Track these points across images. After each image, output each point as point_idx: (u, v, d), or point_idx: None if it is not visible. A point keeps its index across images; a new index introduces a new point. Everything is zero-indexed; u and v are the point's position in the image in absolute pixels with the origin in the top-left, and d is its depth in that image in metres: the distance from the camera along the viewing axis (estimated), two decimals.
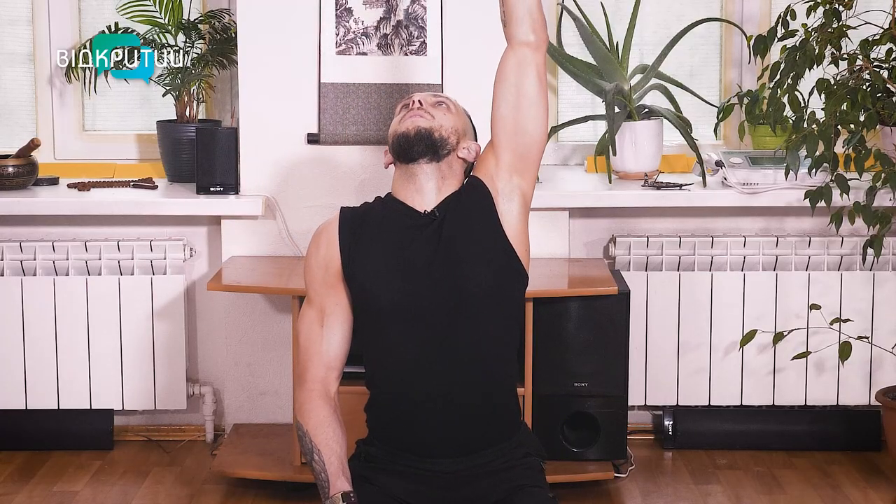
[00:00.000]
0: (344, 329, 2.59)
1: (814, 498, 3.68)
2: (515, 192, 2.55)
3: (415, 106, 2.62)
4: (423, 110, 2.60)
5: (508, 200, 2.54)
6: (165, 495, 3.73)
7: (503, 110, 2.56)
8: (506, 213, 2.54)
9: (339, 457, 2.50)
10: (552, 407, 3.72)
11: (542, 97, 2.55)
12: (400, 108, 2.68)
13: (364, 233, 2.57)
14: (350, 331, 2.60)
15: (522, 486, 2.52)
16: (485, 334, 2.52)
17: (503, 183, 2.55)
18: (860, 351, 3.94)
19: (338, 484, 2.47)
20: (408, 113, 2.62)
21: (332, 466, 2.49)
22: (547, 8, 4.15)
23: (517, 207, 2.55)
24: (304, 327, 2.59)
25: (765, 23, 4.15)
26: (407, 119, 2.59)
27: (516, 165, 2.54)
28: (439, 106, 2.64)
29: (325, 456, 2.49)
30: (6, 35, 4.27)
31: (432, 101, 2.65)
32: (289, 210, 3.97)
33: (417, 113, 2.60)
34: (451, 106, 2.66)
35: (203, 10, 4.19)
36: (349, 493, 2.46)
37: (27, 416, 4.05)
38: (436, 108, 2.63)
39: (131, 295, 4.00)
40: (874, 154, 3.66)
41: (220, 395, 4.14)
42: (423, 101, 2.62)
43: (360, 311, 2.57)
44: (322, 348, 2.57)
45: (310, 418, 2.54)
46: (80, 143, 4.29)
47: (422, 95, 2.65)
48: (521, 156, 2.54)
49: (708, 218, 4.09)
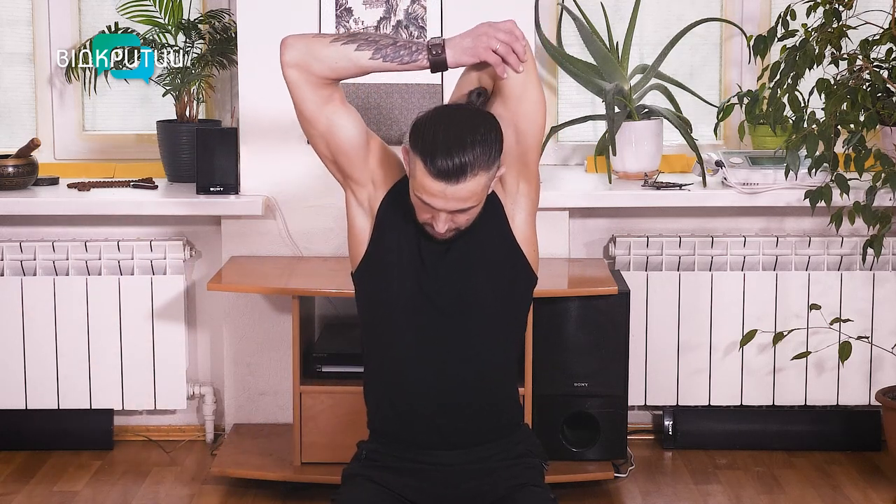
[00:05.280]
0: (351, 116, 2.47)
1: (814, 498, 3.68)
2: (522, 195, 2.54)
3: (440, 232, 2.41)
4: (447, 231, 2.41)
5: (515, 203, 2.53)
6: (165, 495, 3.73)
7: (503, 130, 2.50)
8: (515, 217, 2.53)
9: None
10: (552, 407, 3.72)
11: (541, 100, 2.51)
12: (420, 203, 2.42)
13: (397, 216, 2.52)
14: (353, 130, 2.47)
15: (524, 485, 2.52)
16: (489, 336, 2.52)
17: (510, 187, 2.54)
18: (860, 351, 3.94)
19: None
20: (430, 229, 2.43)
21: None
22: (547, 8, 4.17)
23: (525, 211, 2.54)
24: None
25: (765, 23, 4.15)
26: (430, 232, 2.44)
27: (520, 171, 2.53)
28: (466, 212, 2.39)
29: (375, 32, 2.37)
30: (6, 35, 4.27)
31: (455, 214, 2.39)
32: (289, 210, 3.97)
33: (441, 235, 2.43)
34: (479, 195, 2.37)
35: (203, 10, 4.19)
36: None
37: (27, 416, 4.05)
38: (463, 215, 2.38)
39: (131, 295, 4.00)
40: (874, 154, 3.66)
41: (220, 395, 4.14)
42: (446, 225, 2.39)
43: (366, 298, 2.56)
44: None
45: (324, 35, 2.43)
46: (80, 143, 4.29)
47: (443, 219, 2.37)
48: (520, 157, 2.53)
49: (708, 218, 4.09)
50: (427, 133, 2.33)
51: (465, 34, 2.39)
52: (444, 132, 2.32)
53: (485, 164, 2.33)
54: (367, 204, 2.53)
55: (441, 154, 2.30)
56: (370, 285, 2.54)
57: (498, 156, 2.37)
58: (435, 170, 2.31)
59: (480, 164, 2.32)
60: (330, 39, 2.40)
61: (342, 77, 2.43)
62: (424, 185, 2.34)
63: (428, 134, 2.33)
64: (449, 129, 2.32)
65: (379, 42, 2.39)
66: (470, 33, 2.39)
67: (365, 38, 2.40)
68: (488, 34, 2.37)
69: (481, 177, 2.34)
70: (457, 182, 2.32)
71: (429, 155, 2.31)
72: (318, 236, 3.99)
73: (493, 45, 2.36)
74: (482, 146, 2.32)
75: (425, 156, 2.32)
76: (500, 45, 2.36)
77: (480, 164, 2.32)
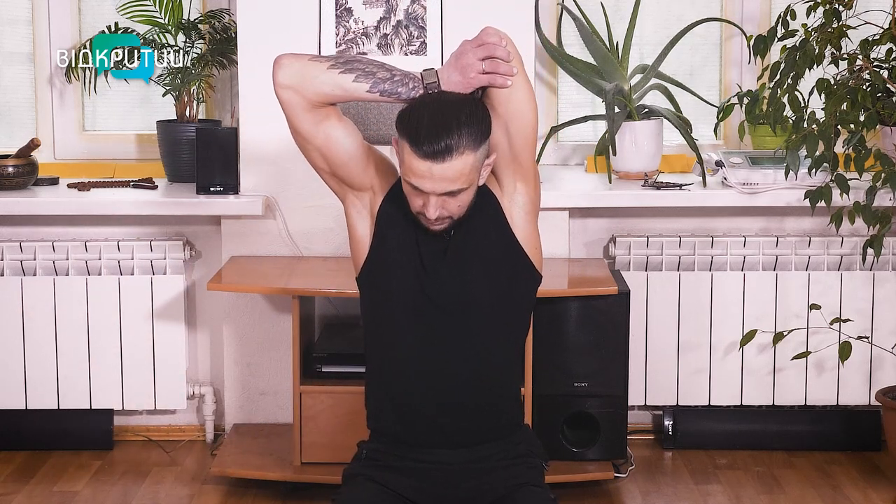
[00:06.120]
0: (348, 130, 2.48)
1: (814, 498, 3.68)
2: (519, 194, 2.54)
3: (431, 218, 2.41)
4: (439, 220, 2.41)
5: (513, 202, 2.54)
6: (165, 495, 3.73)
7: (493, 131, 2.49)
8: (514, 215, 2.53)
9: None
10: (552, 407, 3.72)
11: (530, 98, 2.50)
12: (412, 190, 2.41)
13: (396, 217, 2.52)
14: (349, 143, 2.48)
15: (524, 484, 2.52)
16: (490, 335, 2.52)
17: (507, 187, 2.53)
18: (860, 351, 3.94)
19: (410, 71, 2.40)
20: (424, 219, 2.43)
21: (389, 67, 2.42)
22: (547, 8, 4.17)
23: (523, 209, 2.54)
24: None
25: (765, 23, 4.15)
26: (424, 223, 2.44)
27: (516, 170, 2.52)
28: (458, 195, 2.39)
29: (373, 61, 2.39)
30: (6, 35, 4.27)
31: (446, 196, 2.39)
32: (289, 210, 3.97)
33: (433, 223, 2.42)
34: (467, 176, 2.36)
35: (203, 10, 4.19)
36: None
37: (27, 416, 4.05)
38: (453, 200, 2.39)
39: (131, 295, 4.00)
40: (874, 154, 3.66)
41: (220, 395, 4.14)
42: (437, 210, 2.39)
43: (369, 300, 2.56)
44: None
45: (323, 57, 2.43)
46: (80, 143, 4.28)
47: (434, 203, 2.37)
48: (514, 157, 2.53)
49: (708, 218, 4.09)
50: (413, 116, 2.35)
51: (451, 68, 2.39)
52: (430, 114, 2.34)
53: (471, 143, 2.34)
54: (368, 210, 2.53)
55: (426, 133, 2.32)
56: (373, 287, 2.55)
57: (485, 137, 2.38)
58: (421, 149, 2.33)
59: (466, 143, 2.34)
60: (327, 65, 2.40)
61: (335, 102, 2.44)
62: (412, 167, 2.35)
63: (414, 117, 2.35)
64: (434, 111, 2.34)
65: (377, 75, 2.40)
66: (454, 66, 2.38)
67: (362, 69, 2.40)
68: (469, 64, 2.36)
69: (468, 156, 2.35)
70: (443, 160, 2.33)
71: (415, 135, 2.33)
72: (318, 236, 3.99)
73: (479, 68, 2.36)
74: (468, 126, 2.34)
75: (411, 137, 2.33)
76: (486, 63, 2.36)
77: (466, 143, 2.34)
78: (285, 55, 2.42)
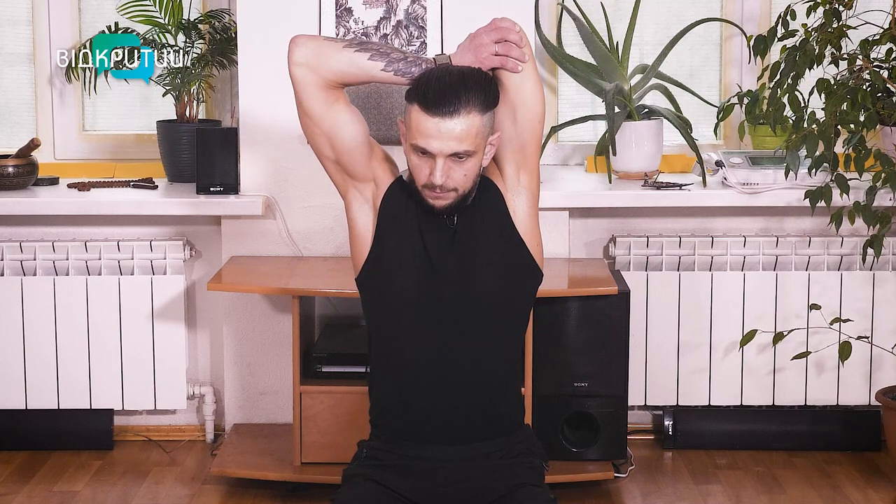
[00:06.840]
0: (355, 117, 2.49)
1: (814, 498, 3.68)
2: (522, 187, 2.55)
3: (437, 188, 2.42)
4: (444, 191, 2.42)
5: (516, 195, 2.54)
6: (165, 495, 3.73)
7: (500, 115, 2.52)
8: (517, 209, 2.54)
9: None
10: (552, 407, 3.73)
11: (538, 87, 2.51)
12: (418, 159, 2.42)
13: (397, 212, 2.53)
14: (353, 129, 2.49)
15: (524, 484, 2.53)
16: (493, 331, 2.52)
17: (510, 180, 2.54)
18: (860, 351, 3.94)
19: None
20: (429, 192, 2.44)
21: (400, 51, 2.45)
22: (547, 8, 4.17)
23: (526, 203, 2.55)
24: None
25: (765, 23, 4.15)
26: (429, 198, 2.45)
27: (520, 161, 2.53)
28: (464, 161, 2.41)
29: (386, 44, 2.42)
30: (6, 35, 4.27)
31: (455, 158, 2.40)
32: (289, 210, 3.97)
33: (439, 196, 2.43)
34: (474, 139, 2.38)
35: (203, 10, 4.19)
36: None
37: (27, 416, 4.05)
38: (459, 167, 2.43)
39: (131, 295, 4.00)
40: (874, 154, 3.66)
41: (220, 395, 4.14)
42: (444, 177, 2.40)
43: (371, 296, 2.56)
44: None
45: (334, 39, 2.46)
46: (80, 143, 4.29)
47: (441, 167, 2.39)
48: (520, 148, 2.53)
49: (708, 218, 4.09)
50: (422, 80, 2.39)
51: (465, 50, 2.44)
52: (438, 76, 2.39)
53: (478, 105, 2.38)
54: (370, 203, 2.54)
55: (435, 91, 2.36)
56: (375, 283, 2.55)
57: (491, 105, 2.41)
58: (429, 105, 2.36)
59: (474, 104, 2.38)
60: (342, 45, 2.43)
61: (349, 83, 2.47)
62: (420, 127, 2.38)
63: (423, 81, 2.39)
64: (443, 73, 2.39)
65: (390, 55, 2.43)
66: (469, 48, 2.43)
67: (377, 49, 2.44)
68: (482, 44, 2.41)
69: (475, 117, 2.38)
70: (451, 117, 2.36)
71: (423, 94, 2.37)
72: (318, 236, 3.99)
73: (492, 49, 2.40)
74: (476, 89, 2.38)
75: (420, 95, 2.38)
76: (499, 46, 2.39)
77: (474, 104, 2.38)
78: (301, 35, 2.46)
